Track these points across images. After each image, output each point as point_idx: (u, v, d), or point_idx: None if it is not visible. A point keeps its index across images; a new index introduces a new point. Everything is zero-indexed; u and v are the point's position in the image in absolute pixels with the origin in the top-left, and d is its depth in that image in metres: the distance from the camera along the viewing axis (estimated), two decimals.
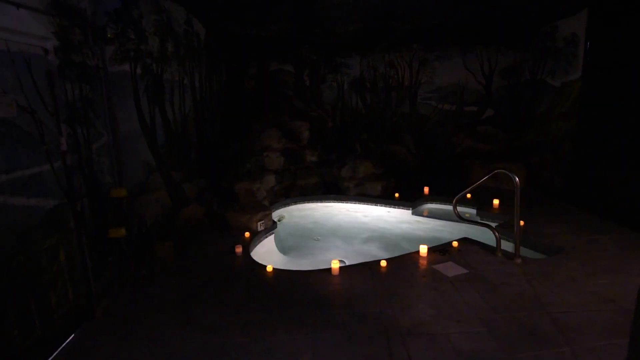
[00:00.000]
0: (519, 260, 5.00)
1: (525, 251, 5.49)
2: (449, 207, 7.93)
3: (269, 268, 5.00)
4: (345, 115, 10.35)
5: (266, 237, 6.60)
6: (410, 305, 4.06)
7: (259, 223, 6.45)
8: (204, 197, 6.69)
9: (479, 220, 6.96)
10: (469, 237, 5.99)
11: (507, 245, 5.68)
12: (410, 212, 7.84)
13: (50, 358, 3.43)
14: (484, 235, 5.97)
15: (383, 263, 5.01)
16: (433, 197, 8.28)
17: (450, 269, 4.87)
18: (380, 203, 8.19)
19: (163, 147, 5.31)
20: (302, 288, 4.50)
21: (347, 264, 6.45)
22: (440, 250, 5.47)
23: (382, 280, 4.61)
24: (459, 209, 6.56)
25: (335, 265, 4.83)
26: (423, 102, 10.38)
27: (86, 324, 3.92)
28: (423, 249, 5.32)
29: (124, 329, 3.79)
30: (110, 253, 4.31)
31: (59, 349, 3.56)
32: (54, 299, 3.54)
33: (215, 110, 7.75)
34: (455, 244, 5.62)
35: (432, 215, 7.73)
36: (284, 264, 6.48)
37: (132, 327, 3.83)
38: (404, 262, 5.15)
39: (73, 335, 3.78)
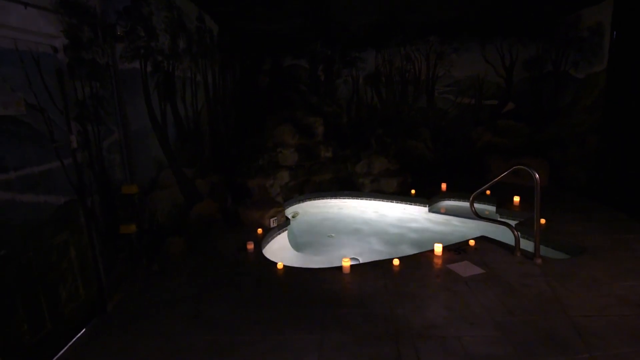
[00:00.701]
0: (539, 261, 4.80)
1: (546, 250, 5.28)
2: (467, 205, 7.74)
3: (280, 265, 4.96)
4: (360, 110, 10.21)
5: (279, 233, 6.57)
6: (423, 305, 3.94)
7: (271, 219, 6.41)
8: (217, 193, 6.70)
9: (498, 218, 6.74)
10: (487, 235, 5.79)
11: (527, 245, 5.47)
12: (426, 209, 7.67)
13: (61, 352, 3.49)
14: (504, 233, 5.76)
15: (396, 262, 4.89)
16: (451, 194, 8.08)
17: (466, 269, 4.71)
18: (395, 200, 8.04)
19: (175, 144, 5.33)
20: (312, 286, 4.43)
21: (360, 261, 6.37)
22: (455, 249, 5.30)
23: (394, 280, 4.50)
24: (478, 206, 6.37)
25: (346, 263, 4.74)
26: (441, 96, 10.12)
27: (97, 318, 3.97)
28: (438, 248, 5.17)
29: (134, 325, 3.82)
30: (121, 249, 4.34)
31: (70, 343, 3.61)
32: (64, 294, 3.58)
33: (229, 106, 7.75)
34: (471, 242, 5.45)
35: (449, 212, 7.54)
36: (296, 261, 6.44)
37: (142, 322, 3.85)
38: (417, 261, 5.01)
39: (84, 329, 3.83)
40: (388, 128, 9.65)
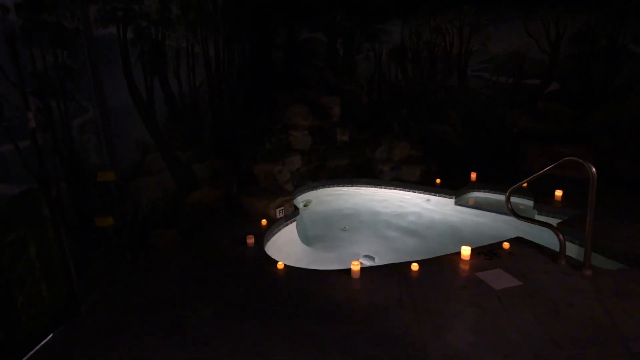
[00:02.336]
0: (589, 272, 3.98)
1: (594, 258, 4.42)
2: (500, 197, 6.88)
3: (280, 265, 4.34)
4: (382, 89, 9.30)
5: (286, 225, 5.95)
6: (444, 326, 3.24)
7: (277, 209, 5.80)
8: (220, 180, 6.11)
9: (536, 216, 5.89)
10: (524, 236, 4.97)
11: (572, 250, 4.64)
12: (453, 201, 6.85)
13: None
14: (544, 233, 4.94)
15: (415, 266, 4.18)
16: (481, 185, 7.20)
17: (499, 279, 3.96)
18: (418, 189, 7.24)
19: (165, 124, 4.73)
20: (314, 293, 3.80)
21: (376, 261, 5.69)
22: (486, 252, 4.53)
23: (411, 289, 3.80)
24: (513, 200, 5.55)
25: (355, 267, 4.07)
26: (474, 74, 9.06)
27: (69, 323, 3.48)
28: (465, 251, 4.42)
29: (107, 332, 3.32)
30: (97, 244, 3.82)
31: (32, 351, 3.14)
32: (20, 299, 3.08)
33: (235, 83, 7.06)
34: (505, 245, 4.66)
35: (479, 205, 6.70)
36: (304, 258, 5.83)
37: (116, 330, 3.35)
38: (440, 265, 4.28)
39: (52, 335, 3.35)
40: (412, 110, 8.75)
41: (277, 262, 4.42)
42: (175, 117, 4.95)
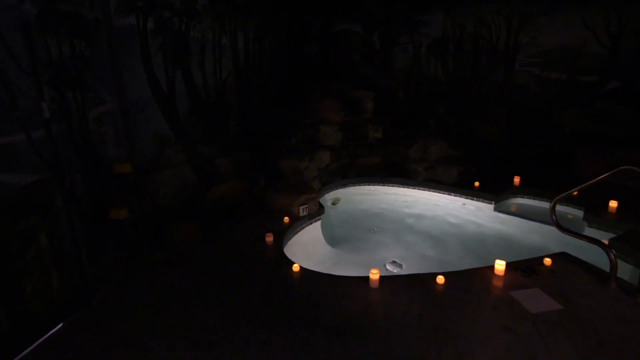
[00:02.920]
0: None
1: None
2: (545, 205, 6.29)
3: (296, 267, 4.14)
4: (420, 84, 8.80)
5: (310, 223, 5.74)
6: (468, 353, 2.90)
7: (301, 207, 5.60)
8: (246, 174, 5.99)
9: (586, 230, 5.30)
10: (570, 251, 4.46)
11: (625, 271, 4.09)
12: (492, 207, 6.34)
13: (29, 349, 3.03)
14: (593, 250, 4.39)
15: (440, 279, 3.83)
16: (525, 191, 6.63)
17: (536, 300, 3.53)
18: (455, 192, 6.79)
19: (187, 117, 4.63)
20: (328, 301, 3.57)
21: (403, 268, 5.36)
22: (524, 268, 4.09)
23: (434, 305, 3.47)
24: (559, 208, 5.03)
25: (374, 275, 3.78)
26: (522, 70, 8.35)
27: (79, 313, 3.47)
28: (500, 265, 4.00)
29: (115, 327, 3.28)
30: (112, 236, 3.78)
31: (40, 340, 3.15)
32: (28, 288, 3.08)
33: (266, 76, 6.89)
34: (547, 261, 4.18)
35: (520, 213, 6.15)
36: (328, 258, 5.61)
37: (124, 324, 3.30)
38: (470, 280, 3.90)
39: (62, 324, 3.35)
40: (452, 106, 8.21)
41: (293, 263, 4.22)
42: (198, 110, 4.86)
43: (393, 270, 5.32)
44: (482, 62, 8.48)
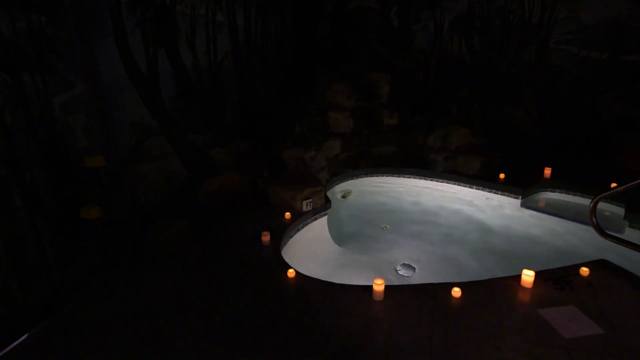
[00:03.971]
0: None
1: None
2: (581, 200, 5.60)
3: (291, 273, 3.68)
4: (442, 65, 8.07)
5: (315, 219, 5.27)
6: None
7: (305, 202, 5.12)
8: (247, 165, 5.55)
9: (627, 229, 4.62)
10: (612, 258, 3.82)
11: None
12: (519, 202, 5.69)
13: None
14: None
15: (456, 291, 3.29)
16: (557, 184, 5.93)
17: (571, 322, 2.96)
18: (477, 185, 6.15)
19: (173, 103, 4.19)
20: (323, 316, 3.10)
21: (416, 271, 4.84)
22: (556, 279, 3.49)
23: (448, 325, 2.95)
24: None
25: (378, 286, 3.28)
26: (558, 48, 7.50)
27: (49, 322, 3.14)
28: (527, 276, 3.41)
29: (85, 338, 2.97)
30: (86, 237, 3.41)
31: (3, 352, 2.83)
32: None
33: (271, 58, 6.35)
34: (584, 270, 3.56)
35: (552, 210, 5.48)
36: (334, 258, 5.14)
37: (95, 336, 3.00)
38: (491, 293, 3.34)
39: (27, 335, 3.02)
40: (476, 90, 7.45)
41: (288, 268, 3.76)
42: (187, 95, 4.40)
43: (405, 273, 4.81)
44: (512, 39, 7.66)
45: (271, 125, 5.95)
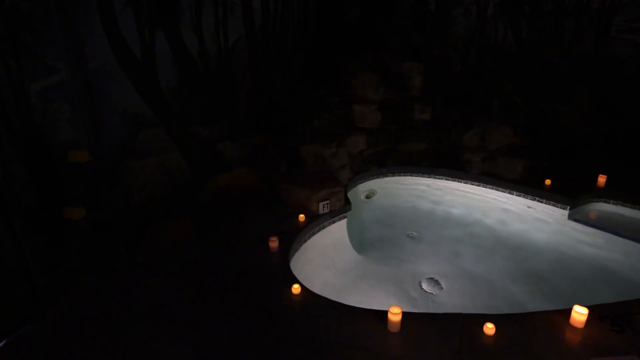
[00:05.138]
0: None
1: None
2: None
3: (295, 289, 3.24)
4: (483, 55, 7.31)
5: (332, 223, 4.81)
6: None
7: (321, 203, 4.66)
8: (261, 160, 5.13)
9: None
10: None
11: None
12: (567, 212, 4.97)
13: None
14: None
15: (489, 328, 2.73)
16: (612, 194, 5.14)
17: None
18: (518, 191, 5.46)
19: (174, 92, 3.80)
20: (328, 345, 2.66)
21: (442, 287, 4.29)
22: (614, 318, 2.86)
23: None
24: None
25: (395, 316, 2.77)
26: (620, 38, 6.60)
27: (30, 328, 2.88)
28: (579, 314, 2.80)
29: (64, 348, 2.69)
30: (72, 239, 3.09)
31: None
32: None
33: (290, 44, 5.85)
34: None
35: (605, 224, 4.74)
36: (353, 268, 4.70)
37: (73, 347, 2.72)
38: (532, 332, 2.77)
39: (4, 341, 2.77)
40: (522, 83, 6.67)
41: (293, 283, 3.31)
42: (191, 83, 3.99)
43: (429, 290, 4.27)
44: (566, 26, 6.79)
45: (289, 117, 5.48)
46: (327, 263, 4.59)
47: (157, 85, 3.71)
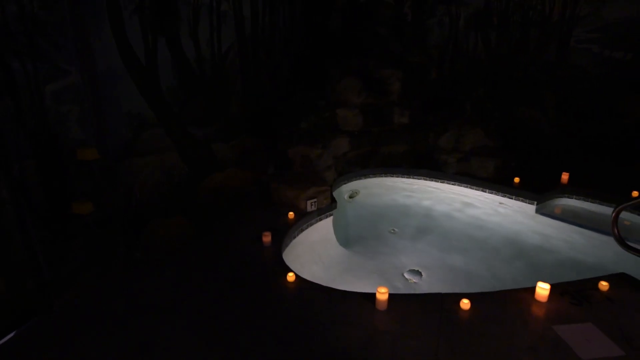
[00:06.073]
0: None
1: None
2: (600, 208, 5.32)
3: (290, 277, 3.51)
4: (456, 62, 7.79)
5: (319, 220, 5.08)
6: None
7: (309, 202, 4.94)
8: (251, 161, 5.38)
9: None
10: (633, 272, 3.57)
11: None
12: (534, 207, 5.41)
13: None
14: None
15: (465, 303, 3.08)
16: (575, 190, 5.63)
17: (589, 341, 2.73)
18: (490, 189, 5.88)
19: (173, 94, 4.03)
20: (323, 327, 2.92)
21: (422, 277, 4.63)
22: (573, 293, 3.26)
23: (454, 339, 2.75)
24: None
25: (382, 295, 3.09)
26: (579, 47, 7.17)
27: (38, 320, 3.02)
28: (542, 289, 3.19)
29: (73, 338, 2.85)
30: (78, 234, 3.27)
31: None
32: None
33: (279, 50, 6.16)
34: (603, 284, 3.32)
35: (568, 217, 5.20)
36: (339, 262, 4.97)
37: (83, 337, 2.88)
38: (502, 306, 3.13)
39: (14, 333, 2.91)
40: (492, 89, 7.17)
41: (288, 272, 3.58)
42: (189, 86, 4.23)
43: (411, 279, 4.61)
44: (531, 37, 7.35)
45: (277, 120, 5.76)
46: (315, 258, 4.85)
47: (158, 88, 3.93)
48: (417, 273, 4.67)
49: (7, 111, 2.73)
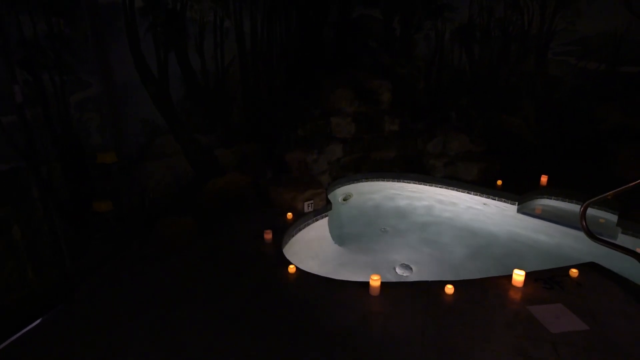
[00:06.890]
0: None
1: None
2: (576, 209, 5.71)
3: (291, 269, 3.83)
4: (442, 73, 8.24)
5: (316, 220, 5.42)
6: None
7: (306, 203, 5.27)
8: (250, 166, 5.71)
9: (619, 236, 4.75)
10: (601, 261, 3.95)
11: None
12: (515, 207, 5.81)
13: (4, 344, 2.89)
14: (628, 260, 3.88)
15: (449, 288, 3.43)
16: (553, 191, 6.05)
17: (558, 318, 3.09)
18: (475, 191, 6.28)
19: (181, 104, 4.36)
20: (322, 309, 3.25)
21: (413, 271, 4.97)
22: (546, 279, 3.63)
23: (440, 319, 3.09)
24: (590, 211, 4.53)
25: (375, 282, 3.42)
26: (556, 59, 7.65)
27: (61, 308, 3.30)
28: (518, 275, 3.55)
29: (93, 325, 3.13)
30: (97, 229, 3.57)
31: (16, 336, 2.99)
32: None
33: (276, 63, 6.55)
34: (573, 272, 3.70)
35: (546, 216, 5.60)
36: (335, 258, 5.29)
37: (103, 324, 3.17)
38: (483, 291, 3.48)
39: (40, 319, 3.18)
40: (476, 98, 7.63)
41: (289, 264, 3.91)
42: (195, 96, 4.58)
43: (402, 273, 4.94)
44: (511, 50, 7.84)
45: (274, 127, 6.11)
46: (311, 254, 5.16)
47: (169, 98, 4.27)
48: (408, 267, 5.01)
49: (38, 119, 3.04)
